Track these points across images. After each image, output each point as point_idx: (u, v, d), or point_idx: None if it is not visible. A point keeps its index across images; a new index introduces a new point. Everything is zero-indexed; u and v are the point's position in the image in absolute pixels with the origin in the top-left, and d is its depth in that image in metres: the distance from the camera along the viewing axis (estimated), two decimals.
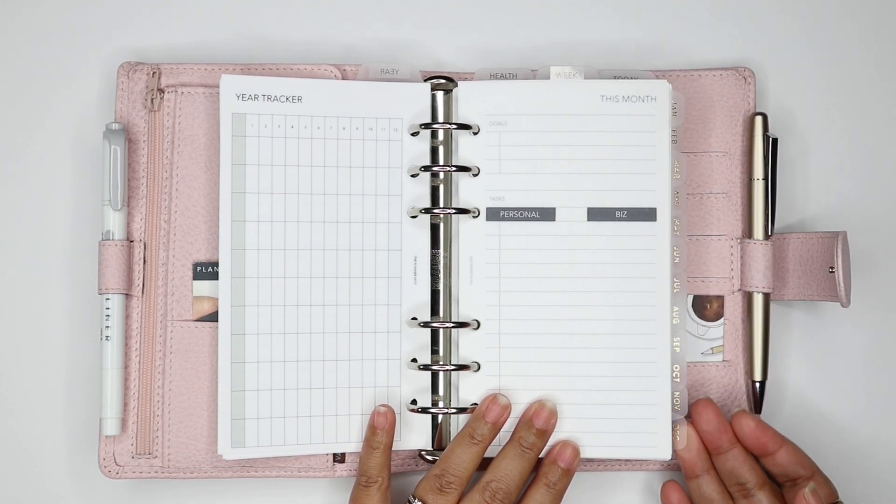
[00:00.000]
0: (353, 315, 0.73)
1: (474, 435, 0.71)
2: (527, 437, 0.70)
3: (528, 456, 0.70)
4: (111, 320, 0.73)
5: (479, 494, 0.69)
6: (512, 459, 0.70)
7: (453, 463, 0.70)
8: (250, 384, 0.72)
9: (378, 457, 0.71)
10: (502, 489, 0.69)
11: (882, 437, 0.77)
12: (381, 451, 0.71)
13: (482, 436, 0.71)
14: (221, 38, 0.78)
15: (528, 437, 0.70)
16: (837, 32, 0.79)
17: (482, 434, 0.71)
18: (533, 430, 0.71)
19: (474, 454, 0.70)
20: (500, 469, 0.70)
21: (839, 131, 0.79)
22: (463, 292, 0.73)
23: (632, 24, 0.79)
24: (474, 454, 0.70)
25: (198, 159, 0.74)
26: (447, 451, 0.71)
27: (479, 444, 0.70)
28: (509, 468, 0.70)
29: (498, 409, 0.71)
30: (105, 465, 0.73)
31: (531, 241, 0.73)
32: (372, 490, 0.71)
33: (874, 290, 0.78)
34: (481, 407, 0.71)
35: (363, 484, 0.71)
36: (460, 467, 0.70)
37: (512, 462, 0.70)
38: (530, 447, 0.70)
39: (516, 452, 0.70)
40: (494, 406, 0.71)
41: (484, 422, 0.71)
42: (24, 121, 0.77)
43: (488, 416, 0.71)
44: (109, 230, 0.74)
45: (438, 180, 0.74)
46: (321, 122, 0.73)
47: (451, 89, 0.74)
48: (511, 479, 0.69)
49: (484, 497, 0.69)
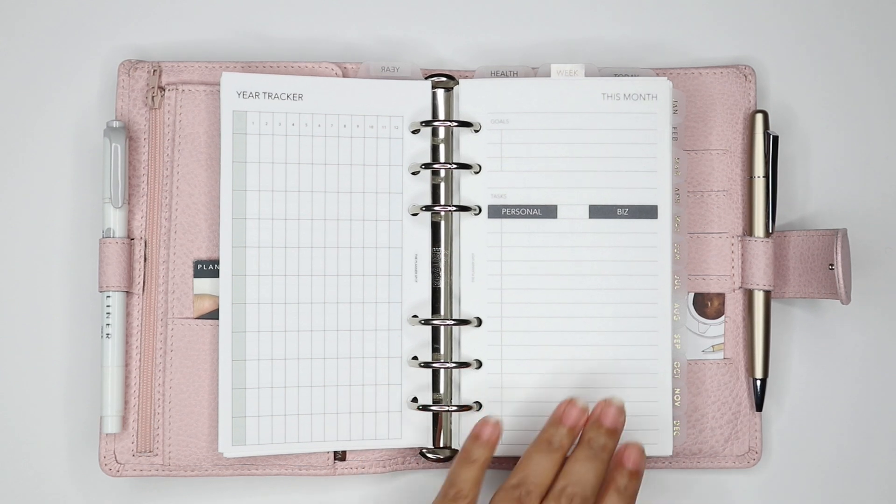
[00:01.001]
0: (353, 312, 0.73)
1: (552, 441, 0.67)
2: (597, 439, 0.67)
3: (601, 458, 0.66)
4: (112, 318, 0.73)
5: (555, 502, 0.65)
6: (585, 462, 0.66)
7: (532, 472, 0.66)
8: (251, 382, 0.72)
9: (474, 471, 0.67)
10: (578, 494, 0.65)
11: (882, 433, 0.78)
12: (479, 465, 0.67)
13: (560, 442, 0.67)
14: (222, 36, 0.78)
15: (599, 437, 0.67)
16: (838, 30, 0.79)
17: (560, 440, 0.67)
18: (602, 429, 0.67)
19: (553, 462, 0.66)
20: (574, 473, 0.66)
21: (840, 129, 0.79)
22: (464, 290, 0.73)
23: (632, 22, 0.79)
24: (553, 462, 0.66)
25: (198, 157, 0.74)
26: (523, 459, 0.67)
27: (558, 451, 0.67)
28: (583, 471, 0.66)
29: (576, 413, 0.68)
30: (106, 463, 0.73)
31: (533, 238, 0.73)
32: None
33: (875, 287, 0.78)
34: (557, 411, 0.68)
35: (451, 497, 0.66)
36: (539, 476, 0.66)
37: (585, 465, 0.66)
38: (602, 448, 0.67)
39: (588, 455, 0.66)
40: (572, 409, 0.68)
41: (562, 426, 0.68)
42: (25, 119, 0.77)
43: (566, 421, 0.68)
44: (110, 228, 0.74)
45: (439, 178, 0.74)
46: (322, 119, 0.73)
47: (451, 87, 0.74)
48: (586, 483, 0.65)
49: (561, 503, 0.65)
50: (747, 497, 0.77)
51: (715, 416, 0.75)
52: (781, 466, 0.77)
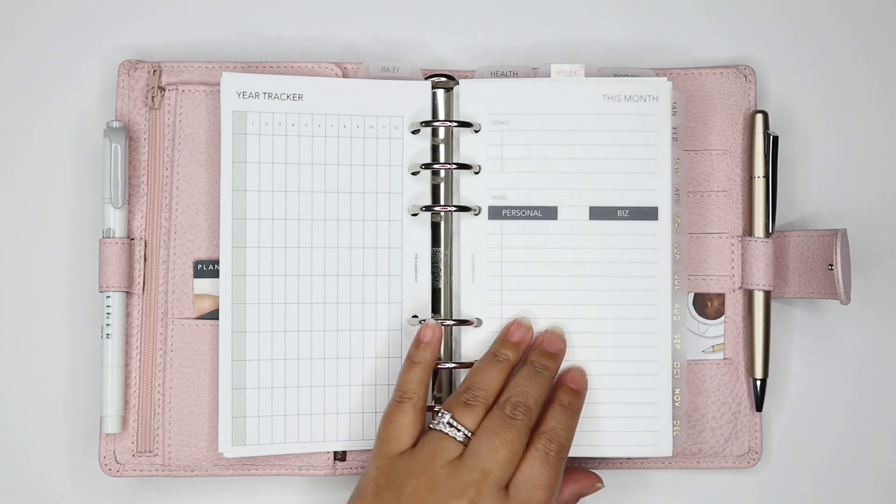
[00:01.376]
0: (353, 313, 0.73)
1: (498, 354, 0.71)
2: (540, 360, 0.71)
3: (542, 375, 0.70)
4: (112, 318, 0.73)
5: (499, 410, 0.68)
6: (528, 378, 0.69)
7: (479, 380, 0.69)
8: (251, 382, 0.72)
9: (418, 372, 0.71)
10: (522, 402, 0.68)
11: (882, 433, 0.78)
12: (422, 366, 0.71)
13: (506, 356, 0.70)
14: (222, 37, 0.78)
15: (541, 359, 0.71)
16: (838, 30, 0.79)
17: (506, 354, 0.71)
18: (545, 354, 0.71)
19: (499, 371, 0.70)
20: (518, 386, 0.69)
21: (840, 129, 0.79)
22: (464, 290, 0.73)
23: (632, 22, 0.79)
24: (499, 371, 0.70)
25: (198, 157, 0.74)
26: (472, 370, 0.71)
27: (503, 363, 0.70)
28: (526, 385, 0.69)
29: (522, 330, 0.71)
30: (106, 463, 0.73)
31: (533, 239, 0.73)
32: (406, 406, 0.70)
33: (875, 287, 0.78)
34: (504, 330, 0.72)
35: (397, 399, 0.70)
36: (485, 383, 0.69)
37: (528, 380, 0.69)
38: (543, 368, 0.70)
39: (531, 372, 0.70)
40: (518, 328, 0.72)
41: (507, 341, 0.71)
42: (25, 119, 0.77)
43: (512, 337, 0.71)
44: (110, 228, 0.74)
45: (439, 178, 0.74)
46: (322, 119, 0.73)
47: (451, 87, 0.74)
48: (529, 395, 0.68)
49: (505, 411, 0.68)
50: (747, 497, 0.77)
51: (715, 416, 0.75)
52: (781, 466, 0.77)
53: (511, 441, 0.67)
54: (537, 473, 0.67)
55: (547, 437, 0.68)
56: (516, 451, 0.67)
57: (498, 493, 0.66)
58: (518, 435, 0.67)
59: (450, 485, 0.66)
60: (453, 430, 0.67)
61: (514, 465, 0.67)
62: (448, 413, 0.68)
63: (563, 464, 0.68)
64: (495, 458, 0.66)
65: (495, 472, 0.66)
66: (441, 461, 0.67)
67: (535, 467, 0.67)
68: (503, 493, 0.66)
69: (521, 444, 0.67)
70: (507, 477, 0.66)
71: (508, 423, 0.67)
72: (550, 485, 0.67)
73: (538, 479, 0.67)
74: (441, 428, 0.68)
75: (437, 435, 0.68)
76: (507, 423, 0.67)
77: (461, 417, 0.68)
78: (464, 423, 0.68)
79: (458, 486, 0.65)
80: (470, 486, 0.65)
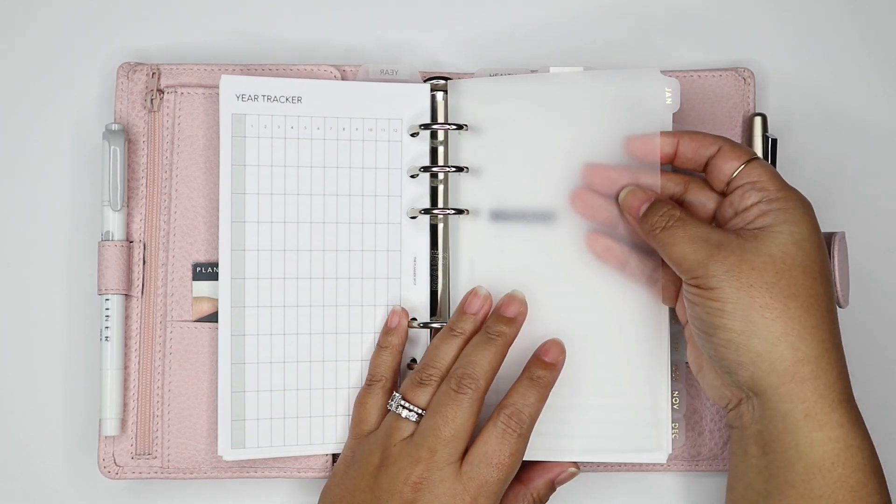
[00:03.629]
0: (352, 316, 0.73)
1: (454, 328, 0.70)
2: (494, 326, 0.69)
3: (495, 343, 0.68)
4: (111, 321, 0.73)
5: (446, 385, 0.67)
6: (478, 346, 0.68)
7: (433, 356, 0.69)
8: (250, 385, 0.72)
9: (385, 357, 0.72)
10: (468, 374, 0.67)
11: (882, 435, 0.77)
12: (389, 350, 0.72)
13: (462, 328, 0.70)
14: (221, 39, 0.78)
15: (496, 325, 0.69)
16: (837, 33, 0.79)
17: (462, 327, 0.70)
18: (502, 319, 0.70)
19: (454, 346, 0.69)
20: (466, 356, 0.68)
21: (838, 131, 0.79)
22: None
23: (632, 24, 0.79)
24: (454, 346, 0.69)
25: (197, 160, 0.74)
26: (429, 347, 0.71)
27: (458, 337, 0.70)
28: (474, 355, 0.68)
29: (478, 301, 0.71)
30: (105, 465, 0.73)
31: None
32: (374, 389, 0.71)
33: (873, 290, 0.78)
34: (462, 301, 0.71)
35: (367, 382, 0.72)
36: (439, 359, 0.69)
37: (478, 349, 0.68)
38: (497, 334, 0.69)
39: (482, 339, 0.69)
40: (474, 298, 0.71)
41: (464, 314, 0.71)
42: (24, 121, 0.77)
43: (468, 309, 0.70)
44: (109, 231, 0.74)
45: (438, 181, 0.74)
46: (321, 122, 0.73)
47: (450, 89, 0.74)
48: (476, 364, 0.67)
49: (451, 386, 0.67)
50: None
51: (713, 418, 0.75)
52: None
53: (454, 417, 0.66)
54: (491, 451, 0.66)
55: (507, 412, 0.67)
56: (461, 426, 0.66)
57: (448, 467, 0.66)
58: (462, 409, 0.66)
59: (401, 462, 0.66)
60: (405, 411, 0.68)
61: (462, 441, 0.66)
62: (399, 395, 0.69)
63: (524, 441, 0.67)
64: (439, 437, 0.66)
65: (441, 450, 0.66)
66: (395, 440, 0.68)
67: (490, 444, 0.67)
68: (454, 467, 0.66)
69: (468, 419, 0.66)
70: (456, 452, 0.66)
71: (453, 397, 0.67)
72: (505, 463, 0.66)
73: (492, 456, 0.66)
74: (394, 409, 0.69)
75: (392, 416, 0.69)
76: (451, 397, 0.67)
77: (413, 397, 0.68)
78: (416, 403, 0.68)
79: (408, 462, 0.66)
80: (418, 462, 0.66)
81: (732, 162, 0.68)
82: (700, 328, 0.66)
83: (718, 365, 0.66)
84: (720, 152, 0.68)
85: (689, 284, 0.66)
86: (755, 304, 0.64)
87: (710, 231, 0.66)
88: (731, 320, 0.64)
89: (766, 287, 0.64)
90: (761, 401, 0.65)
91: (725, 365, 0.65)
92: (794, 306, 0.64)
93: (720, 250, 0.65)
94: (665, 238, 0.67)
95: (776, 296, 0.64)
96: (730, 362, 0.65)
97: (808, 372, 0.64)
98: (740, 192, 0.67)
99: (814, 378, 0.64)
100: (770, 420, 0.65)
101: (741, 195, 0.67)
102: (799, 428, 0.64)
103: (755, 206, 0.66)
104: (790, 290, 0.64)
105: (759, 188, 0.67)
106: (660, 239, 0.67)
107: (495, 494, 0.66)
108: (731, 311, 0.64)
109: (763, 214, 0.66)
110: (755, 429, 0.66)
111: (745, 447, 0.66)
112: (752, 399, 0.66)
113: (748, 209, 0.67)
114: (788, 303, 0.64)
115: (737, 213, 0.67)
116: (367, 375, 0.72)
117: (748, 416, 0.66)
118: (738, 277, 0.64)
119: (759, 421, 0.65)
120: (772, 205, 0.66)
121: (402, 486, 0.66)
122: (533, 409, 0.68)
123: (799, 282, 0.64)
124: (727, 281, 0.64)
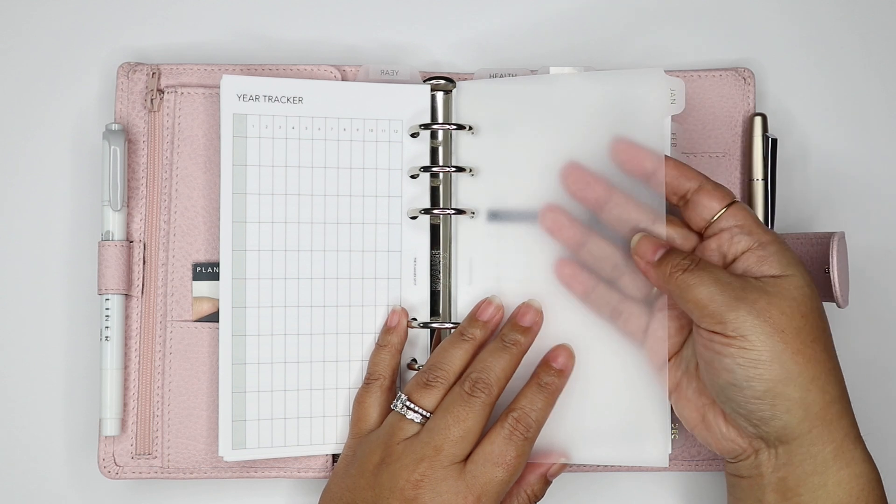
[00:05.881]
0: (353, 316, 0.73)
1: (465, 333, 0.70)
2: (510, 334, 0.69)
3: (510, 351, 0.69)
4: (111, 321, 0.73)
5: (459, 387, 0.68)
6: (493, 353, 0.69)
7: (440, 359, 0.69)
8: (251, 385, 0.72)
9: (384, 355, 0.72)
10: (482, 379, 0.67)
11: (881, 436, 0.78)
12: (388, 349, 0.72)
13: (472, 334, 0.70)
14: (221, 39, 0.78)
15: (512, 333, 0.69)
16: (837, 33, 0.79)
17: (473, 333, 0.70)
18: (518, 327, 0.70)
19: (464, 350, 0.69)
20: (481, 361, 0.69)
21: (839, 131, 0.79)
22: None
23: (632, 24, 0.79)
24: (464, 350, 0.69)
25: (197, 160, 0.74)
26: (436, 350, 0.71)
27: (468, 342, 0.70)
28: (490, 360, 0.68)
29: (491, 309, 0.71)
30: (105, 465, 0.73)
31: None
32: (373, 387, 0.71)
33: (873, 290, 0.78)
34: (475, 307, 0.72)
35: (366, 381, 0.72)
36: (447, 363, 0.69)
37: (493, 355, 0.69)
38: (513, 343, 0.69)
39: (498, 346, 0.69)
40: (487, 306, 0.71)
41: (475, 320, 0.71)
42: (24, 121, 0.77)
43: (480, 316, 0.71)
44: (109, 230, 0.74)
45: (438, 181, 0.74)
46: (322, 123, 0.73)
47: (450, 90, 0.74)
48: (491, 370, 0.68)
49: (464, 388, 0.67)
50: None
51: None
52: None
53: (465, 418, 0.67)
54: (497, 451, 0.67)
55: (515, 416, 0.68)
56: (470, 428, 0.67)
57: (452, 467, 0.66)
58: (473, 412, 0.67)
59: (403, 459, 0.66)
60: (410, 412, 0.68)
61: (469, 442, 0.67)
62: (405, 395, 0.69)
63: (530, 445, 0.68)
64: (447, 435, 0.66)
65: (447, 449, 0.66)
66: (398, 439, 0.68)
67: (496, 444, 0.67)
68: (458, 467, 0.66)
69: (478, 422, 0.67)
70: (461, 453, 0.66)
71: (465, 399, 0.67)
72: (510, 464, 0.67)
73: (497, 456, 0.66)
74: (398, 409, 0.69)
75: (396, 416, 0.69)
76: (464, 399, 0.67)
77: (419, 398, 0.68)
78: (421, 404, 0.68)
79: (411, 459, 0.66)
80: (422, 460, 0.66)
81: (714, 202, 0.67)
82: (727, 381, 0.64)
83: (744, 419, 0.64)
84: (702, 189, 0.67)
85: (711, 332, 0.64)
86: (788, 350, 0.62)
87: (730, 276, 0.65)
88: (767, 370, 0.62)
89: (796, 332, 0.63)
90: (789, 447, 0.64)
91: (757, 417, 0.64)
92: (819, 349, 0.63)
93: (746, 294, 0.63)
94: (688, 280, 0.64)
95: (804, 340, 0.63)
96: (762, 414, 0.63)
97: (836, 412, 0.64)
98: (728, 235, 0.66)
99: (839, 418, 0.64)
100: (798, 465, 0.64)
101: (729, 239, 0.66)
102: (829, 468, 0.64)
103: (751, 251, 0.65)
104: (815, 334, 0.63)
105: (747, 232, 0.66)
106: (682, 281, 0.65)
107: (498, 494, 0.67)
108: (767, 361, 0.62)
109: (764, 260, 0.65)
110: (776, 476, 0.65)
111: (759, 496, 0.65)
112: (774, 447, 0.64)
113: (743, 254, 0.66)
114: (815, 346, 0.63)
115: (726, 256, 0.66)
116: (365, 374, 0.73)
117: (768, 464, 0.65)
118: (769, 323, 0.62)
119: (782, 468, 0.64)
120: (768, 249, 0.65)
121: (403, 483, 0.66)
122: (540, 415, 0.68)
123: (817, 325, 0.64)
124: (759, 326, 0.62)
